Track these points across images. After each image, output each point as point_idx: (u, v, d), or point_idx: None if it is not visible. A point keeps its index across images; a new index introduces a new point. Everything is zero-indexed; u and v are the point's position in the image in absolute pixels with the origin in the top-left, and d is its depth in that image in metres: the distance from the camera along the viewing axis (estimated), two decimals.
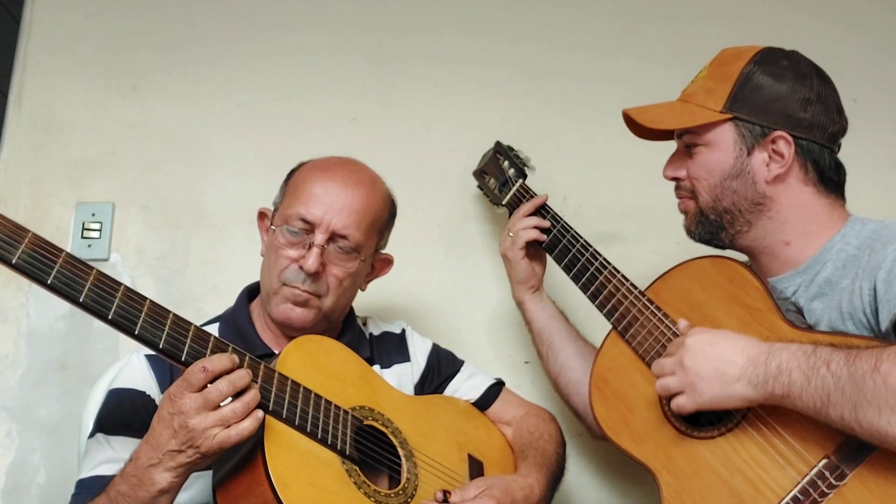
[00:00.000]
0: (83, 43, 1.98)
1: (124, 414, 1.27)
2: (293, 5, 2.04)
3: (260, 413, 1.11)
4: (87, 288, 1.02)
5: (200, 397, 1.07)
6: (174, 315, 1.11)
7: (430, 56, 2.01)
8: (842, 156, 1.35)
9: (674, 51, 1.99)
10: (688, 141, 1.35)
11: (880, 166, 1.95)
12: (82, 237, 1.85)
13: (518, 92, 2.00)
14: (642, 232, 1.91)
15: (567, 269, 1.51)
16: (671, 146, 1.44)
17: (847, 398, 1.03)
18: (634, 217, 1.93)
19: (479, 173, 1.80)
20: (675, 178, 1.40)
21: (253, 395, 1.11)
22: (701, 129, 1.32)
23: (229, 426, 1.08)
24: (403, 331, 1.60)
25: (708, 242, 1.38)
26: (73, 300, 1.02)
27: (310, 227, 1.36)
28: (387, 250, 1.53)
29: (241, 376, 1.11)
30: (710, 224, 1.35)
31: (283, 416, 1.16)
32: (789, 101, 1.29)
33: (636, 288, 1.40)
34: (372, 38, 2.03)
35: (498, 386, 1.61)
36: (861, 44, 2.02)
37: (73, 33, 1.99)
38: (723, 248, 1.38)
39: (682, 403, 1.20)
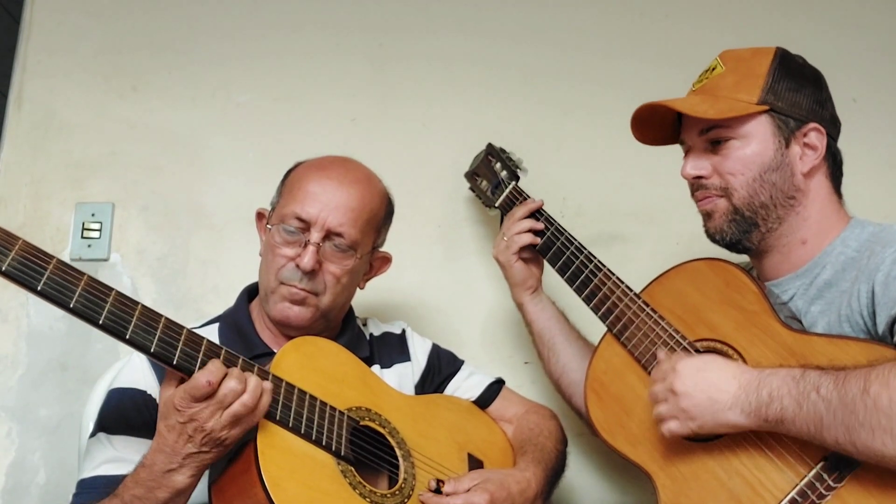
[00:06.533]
0: (83, 43, 1.98)
1: (126, 413, 1.27)
2: (293, 5, 2.04)
3: (269, 385, 1.14)
4: (77, 293, 1.03)
5: (214, 401, 1.09)
6: (166, 319, 1.11)
7: (430, 56, 2.01)
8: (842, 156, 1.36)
9: (674, 52, 1.98)
10: (715, 136, 1.31)
11: (880, 166, 1.94)
12: (82, 237, 1.85)
13: (518, 92, 2.00)
14: (642, 232, 1.91)
15: (562, 272, 1.51)
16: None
17: (840, 422, 1.04)
18: (634, 217, 1.92)
19: (471, 175, 1.79)
20: (699, 177, 1.33)
21: (256, 381, 1.13)
22: (734, 122, 1.29)
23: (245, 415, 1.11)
24: (404, 331, 1.60)
25: (734, 245, 1.34)
26: (64, 306, 1.02)
27: (305, 225, 1.36)
28: (386, 250, 1.53)
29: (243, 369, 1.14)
30: (745, 222, 1.30)
31: (277, 418, 1.16)
32: (814, 97, 1.31)
33: (631, 290, 1.40)
34: (372, 38, 2.02)
35: (498, 384, 1.61)
36: (861, 44, 2.01)
37: (73, 33, 1.99)
38: (744, 251, 1.35)
39: (675, 429, 1.20)
